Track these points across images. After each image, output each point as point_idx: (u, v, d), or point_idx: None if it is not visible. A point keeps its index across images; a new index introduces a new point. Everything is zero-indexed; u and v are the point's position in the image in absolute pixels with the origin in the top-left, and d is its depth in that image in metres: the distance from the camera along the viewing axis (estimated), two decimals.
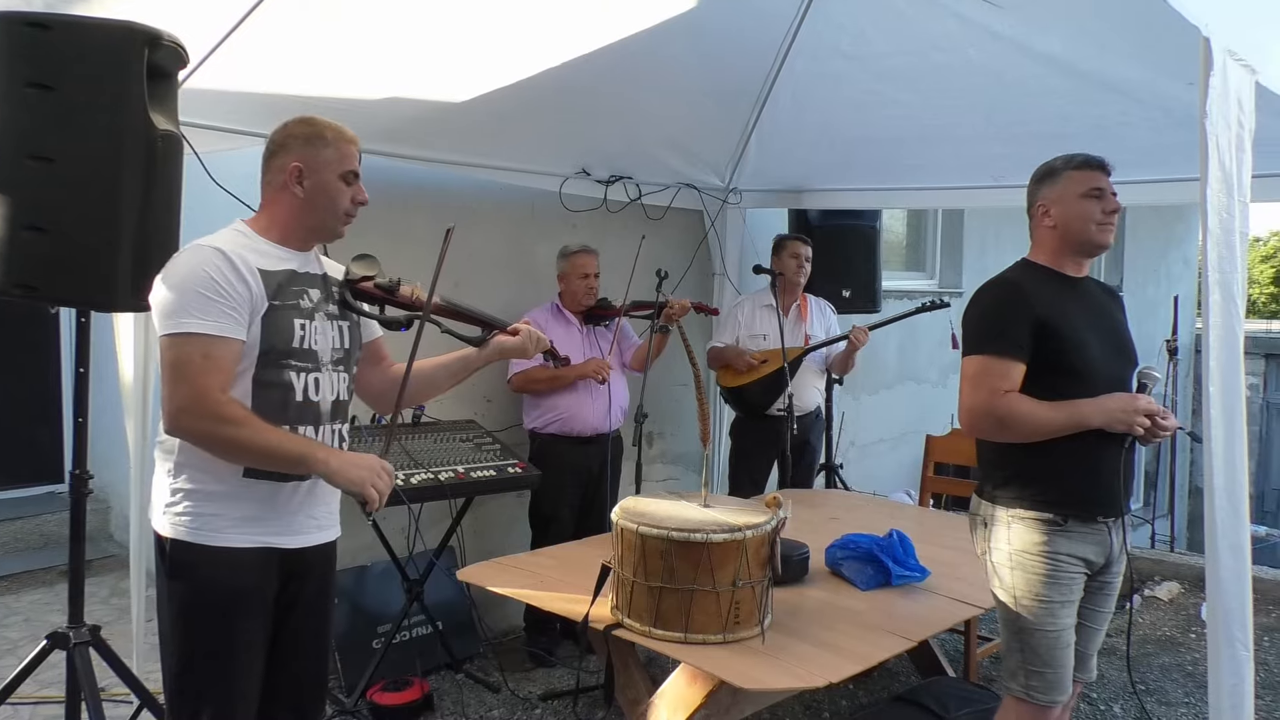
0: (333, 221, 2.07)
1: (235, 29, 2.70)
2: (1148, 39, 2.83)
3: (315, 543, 2.11)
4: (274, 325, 1.95)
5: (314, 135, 2.03)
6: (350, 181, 2.06)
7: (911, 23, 3.32)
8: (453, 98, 3.38)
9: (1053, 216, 2.39)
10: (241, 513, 1.96)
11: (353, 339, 2.16)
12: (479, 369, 2.32)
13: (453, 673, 3.87)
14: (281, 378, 1.97)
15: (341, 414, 2.14)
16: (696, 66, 3.75)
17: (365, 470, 1.91)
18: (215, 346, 1.85)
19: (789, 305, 4.55)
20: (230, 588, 1.95)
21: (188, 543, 1.94)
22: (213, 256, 1.89)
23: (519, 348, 2.31)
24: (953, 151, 4.20)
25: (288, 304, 1.99)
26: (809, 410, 4.54)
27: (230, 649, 1.96)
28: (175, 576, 1.96)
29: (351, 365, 2.18)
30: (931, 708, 3.08)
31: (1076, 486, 2.30)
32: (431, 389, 2.33)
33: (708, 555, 2.37)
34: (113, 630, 2.92)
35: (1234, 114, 1.92)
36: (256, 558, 1.98)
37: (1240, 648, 1.95)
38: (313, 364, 2.03)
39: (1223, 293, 1.94)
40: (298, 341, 1.99)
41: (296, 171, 2.01)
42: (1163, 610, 4.96)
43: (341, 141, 2.05)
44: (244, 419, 1.86)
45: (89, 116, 2.12)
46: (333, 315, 2.10)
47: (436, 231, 2.13)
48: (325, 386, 2.06)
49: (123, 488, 4.14)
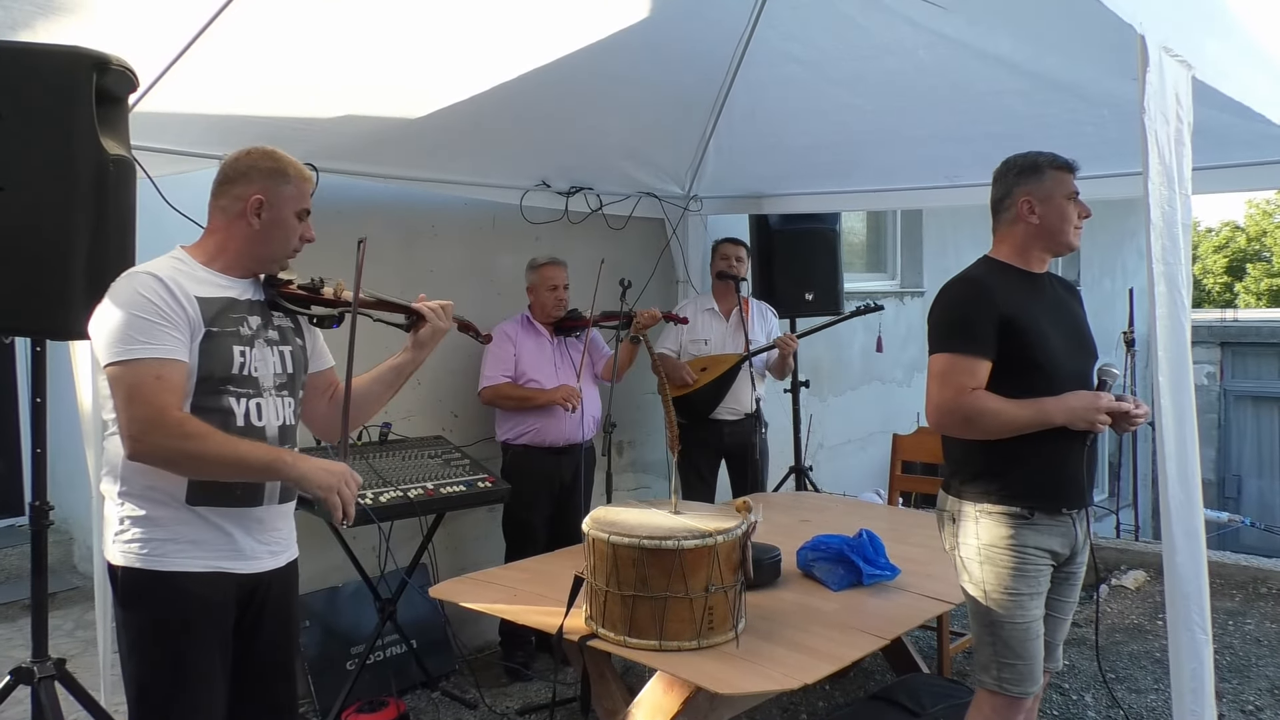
0: (281, 255, 2.09)
1: (185, 50, 2.68)
2: (1088, 38, 2.89)
3: (271, 566, 2.09)
4: (211, 352, 1.95)
5: (277, 170, 2.04)
6: (302, 219, 2.09)
7: (862, 28, 3.36)
8: (408, 114, 3.38)
9: (1039, 213, 2.41)
10: (191, 537, 1.95)
11: (296, 364, 2.15)
12: (413, 372, 2.29)
13: (429, 691, 3.85)
14: (220, 403, 1.97)
15: (290, 439, 2.13)
16: (651, 77, 3.78)
17: (334, 475, 1.92)
18: (165, 368, 1.86)
19: (729, 310, 4.60)
20: (182, 613, 1.93)
21: (137, 569, 1.93)
22: (149, 281, 1.90)
23: (433, 330, 2.22)
24: (908, 153, 4.26)
25: (226, 330, 1.98)
26: (748, 413, 4.57)
27: (185, 676, 1.94)
28: (127, 605, 1.96)
29: (297, 390, 2.16)
30: (906, 704, 3.10)
31: (1042, 481, 2.33)
32: (371, 403, 2.29)
33: (680, 562, 2.38)
34: (78, 663, 2.87)
35: (1172, 109, 1.97)
36: (209, 583, 1.96)
37: (1198, 631, 1.99)
38: (253, 389, 2.02)
39: (1168, 284, 1.98)
40: (236, 368, 1.99)
41: (258, 204, 2.02)
42: (1130, 599, 5.04)
43: (301, 180, 2.08)
44: (207, 432, 1.86)
45: (39, 143, 2.10)
46: (273, 341, 2.09)
47: (397, 248, 2.14)
48: (269, 412, 2.05)
49: (84, 519, 4.07)
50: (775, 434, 5.09)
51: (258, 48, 2.79)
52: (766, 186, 4.98)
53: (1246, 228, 29.31)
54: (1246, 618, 4.66)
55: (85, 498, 3.25)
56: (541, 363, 4.07)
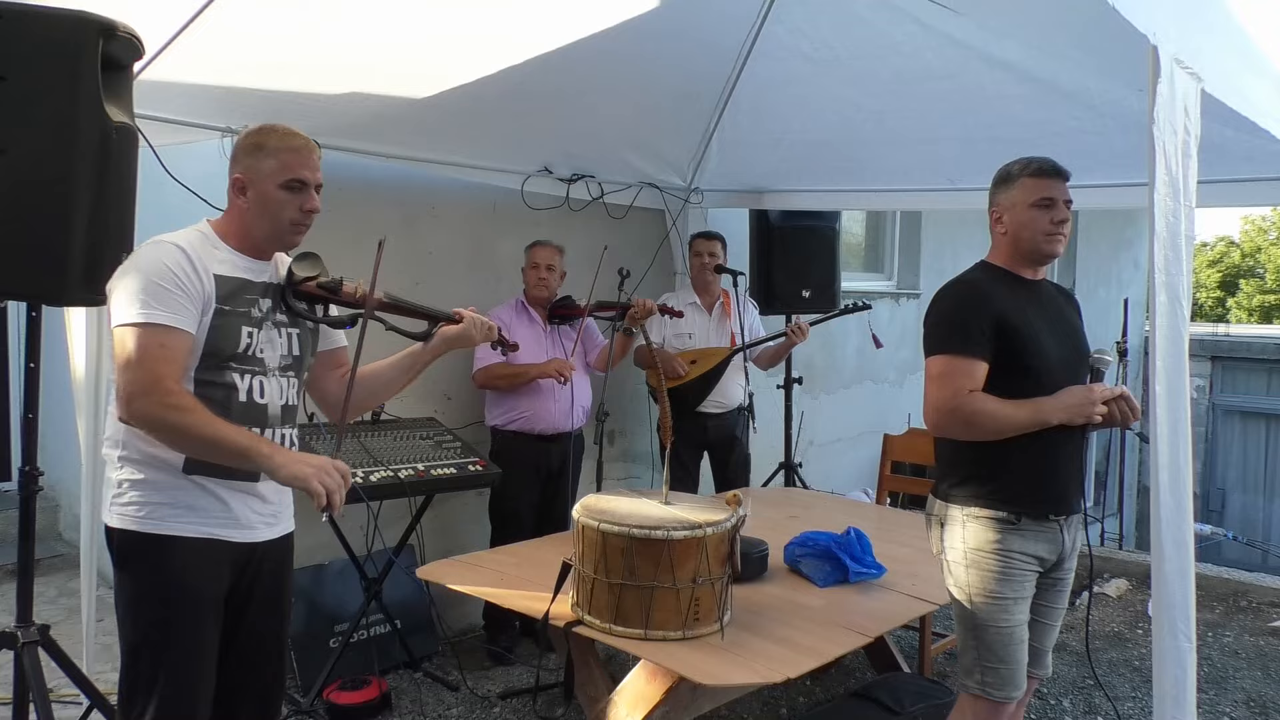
0: (279, 231, 2.06)
1: (193, 20, 2.66)
2: (1099, 46, 2.89)
3: (267, 537, 2.10)
4: (220, 330, 1.96)
5: (255, 146, 2.02)
6: (296, 189, 2.03)
7: (872, 27, 3.36)
8: (414, 94, 3.37)
9: (1005, 223, 2.43)
10: (187, 502, 1.96)
11: (304, 346, 2.16)
12: (429, 363, 2.30)
13: (411, 671, 3.85)
14: (224, 378, 1.99)
15: (291, 419, 2.14)
16: (658, 67, 3.76)
17: (311, 467, 1.88)
18: (171, 337, 1.87)
19: (711, 304, 4.61)
20: (176, 577, 1.95)
21: (133, 532, 1.95)
22: (173, 251, 1.92)
23: (463, 335, 2.27)
24: (911, 154, 4.26)
25: (237, 310, 2.00)
26: (734, 406, 4.58)
27: (178, 640, 1.95)
28: (122, 567, 1.98)
29: (303, 371, 2.18)
30: (886, 703, 3.12)
31: (1029, 486, 2.34)
32: (386, 390, 2.32)
33: (668, 552, 2.39)
34: (61, 630, 2.86)
35: (1180, 120, 1.97)
36: (203, 549, 1.97)
37: (1183, 640, 2.01)
38: (258, 368, 2.04)
39: (1169, 295, 1.99)
40: (243, 348, 2.00)
41: (240, 184, 2.02)
42: (1111, 607, 5.07)
43: (285, 151, 2.02)
44: (192, 406, 1.86)
45: (42, 107, 2.09)
46: (282, 323, 2.11)
47: (396, 229, 2.13)
48: (272, 390, 2.07)
49: (73, 486, 4.06)
50: (766, 430, 5.10)
51: (265, 20, 2.77)
52: (768, 182, 4.98)
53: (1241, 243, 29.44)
54: (1226, 630, 4.69)
55: (74, 465, 3.25)
56: (534, 349, 4.07)
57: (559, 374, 3.96)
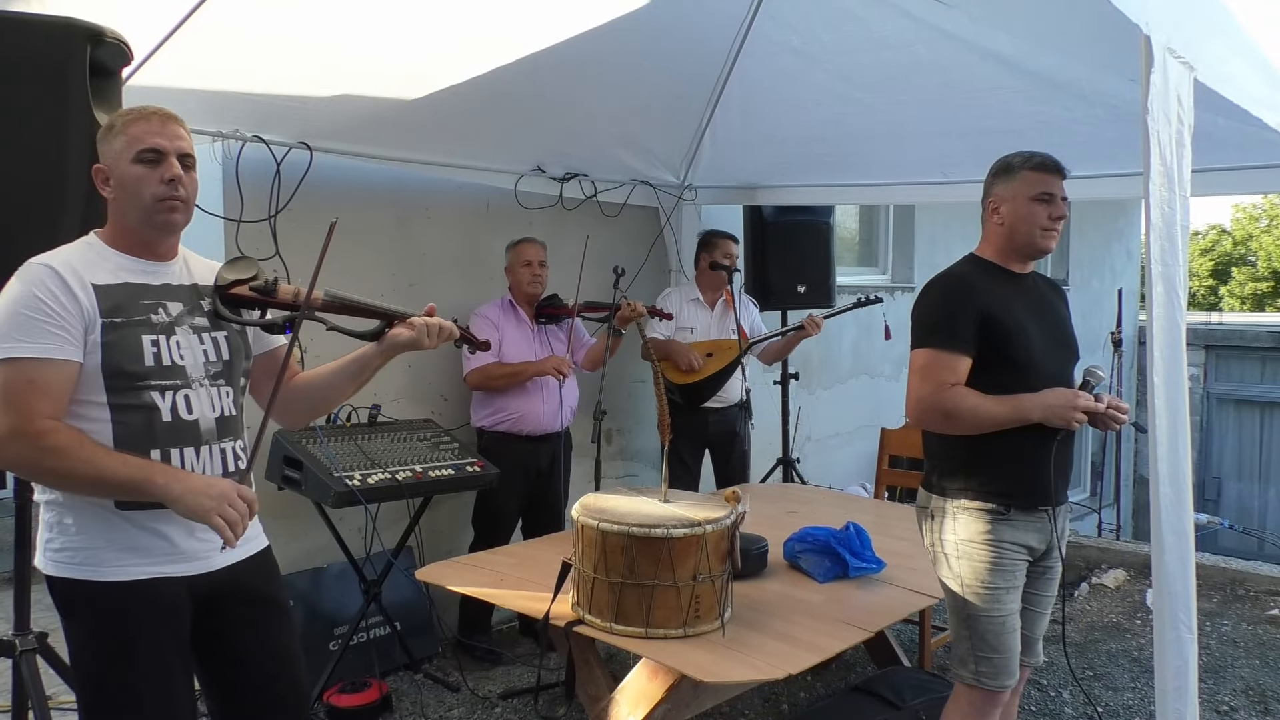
0: (146, 212, 1.84)
1: (181, 25, 2.65)
2: (1091, 37, 2.90)
3: (225, 563, 1.92)
4: (116, 345, 1.79)
5: (105, 130, 1.87)
6: (150, 160, 1.82)
7: (862, 21, 3.35)
8: (405, 95, 3.36)
9: (1002, 214, 2.44)
10: (126, 544, 1.81)
11: (234, 350, 1.99)
12: (380, 368, 2.09)
13: (411, 673, 3.85)
14: (141, 399, 1.81)
15: (232, 431, 1.97)
16: (649, 64, 3.76)
17: (212, 498, 1.72)
18: (41, 370, 1.71)
19: (714, 300, 4.60)
20: (125, 624, 1.80)
21: (72, 580, 1.80)
22: (40, 274, 1.76)
23: (412, 342, 2.03)
24: (903, 148, 4.26)
25: (132, 320, 1.82)
26: (734, 402, 4.58)
27: (133, 686, 1.81)
28: (68, 615, 1.83)
29: (237, 378, 2.00)
30: (887, 697, 3.12)
31: (1018, 477, 2.36)
32: (335, 395, 2.14)
33: (668, 550, 2.38)
34: (59, 638, 2.84)
35: (1174, 110, 1.97)
36: (152, 590, 1.82)
37: (1184, 630, 2.01)
38: (180, 380, 1.86)
39: (1165, 285, 1.99)
40: (151, 360, 1.82)
41: (101, 175, 1.88)
42: (1109, 597, 5.08)
43: (132, 124, 1.84)
44: (69, 445, 1.70)
45: (31, 114, 2.07)
46: (202, 328, 1.94)
47: (390, 230, 2.10)
48: (202, 404, 1.89)
49: None
50: (763, 426, 5.10)
51: (253, 24, 2.76)
52: (761, 178, 4.98)
53: (1233, 231, 29.50)
54: (1223, 619, 4.70)
55: None
56: (523, 348, 4.05)
57: (557, 371, 3.95)
